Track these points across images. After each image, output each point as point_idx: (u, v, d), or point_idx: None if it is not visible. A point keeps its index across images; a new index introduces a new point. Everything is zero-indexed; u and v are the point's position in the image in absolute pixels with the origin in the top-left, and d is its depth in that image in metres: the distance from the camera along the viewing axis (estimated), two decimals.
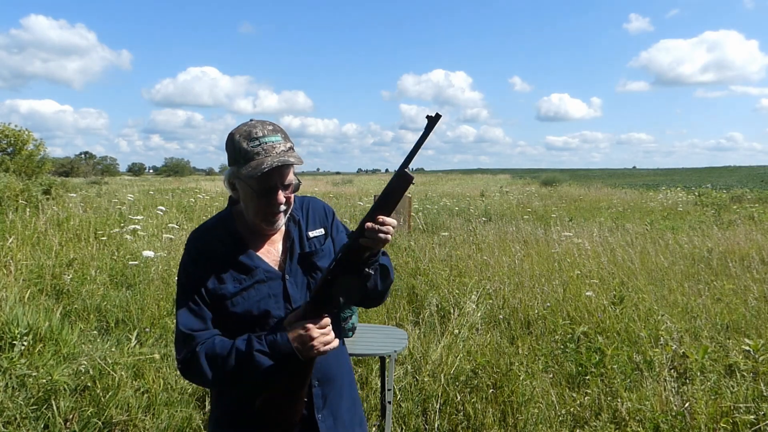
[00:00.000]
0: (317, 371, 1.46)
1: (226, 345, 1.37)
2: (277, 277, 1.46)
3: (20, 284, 4.90)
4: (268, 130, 1.39)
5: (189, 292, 1.42)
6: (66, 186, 14.56)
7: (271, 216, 1.43)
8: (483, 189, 24.91)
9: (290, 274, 1.47)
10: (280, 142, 1.38)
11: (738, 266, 6.06)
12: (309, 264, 1.50)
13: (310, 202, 1.61)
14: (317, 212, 1.59)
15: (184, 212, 11.94)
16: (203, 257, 1.44)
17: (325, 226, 1.58)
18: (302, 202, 1.59)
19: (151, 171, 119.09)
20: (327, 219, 1.60)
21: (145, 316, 4.73)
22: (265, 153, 1.35)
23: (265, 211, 1.42)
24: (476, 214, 12.55)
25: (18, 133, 14.14)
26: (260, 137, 1.37)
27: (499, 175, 66.43)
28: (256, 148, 1.36)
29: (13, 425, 2.87)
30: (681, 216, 13.47)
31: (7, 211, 7.95)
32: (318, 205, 1.62)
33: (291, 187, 1.43)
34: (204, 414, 3.31)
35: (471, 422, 3.12)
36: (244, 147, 1.36)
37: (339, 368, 1.55)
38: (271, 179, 1.37)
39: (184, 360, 1.38)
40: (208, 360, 1.36)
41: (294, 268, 1.49)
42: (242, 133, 1.38)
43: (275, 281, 1.46)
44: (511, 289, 5.36)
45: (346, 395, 1.57)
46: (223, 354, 1.35)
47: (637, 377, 3.47)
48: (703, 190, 20.91)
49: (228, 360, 1.34)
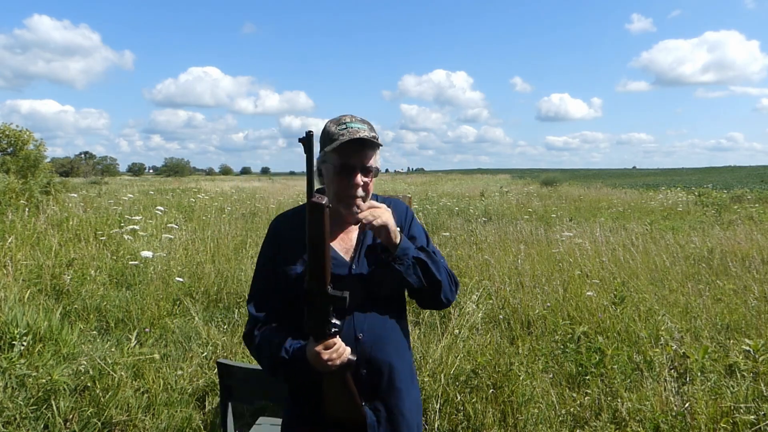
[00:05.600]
0: (365, 361, 1.52)
1: (272, 340, 1.51)
2: (343, 265, 1.55)
3: (20, 284, 4.89)
4: (357, 119, 1.53)
5: (261, 273, 1.61)
6: (66, 186, 14.56)
7: (349, 199, 1.51)
8: (483, 189, 24.89)
9: (357, 263, 1.56)
10: (365, 129, 1.50)
11: (738, 266, 6.05)
12: (375, 255, 1.57)
13: (393, 201, 1.70)
14: (398, 211, 1.65)
15: (184, 212, 11.94)
16: (278, 240, 1.59)
17: (402, 225, 1.64)
18: (386, 202, 1.67)
19: (151, 171, 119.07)
20: (405, 219, 1.66)
21: (145, 316, 4.73)
22: (350, 134, 1.47)
23: (344, 193, 1.51)
24: (476, 214, 12.54)
25: (18, 133, 14.13)
26: (347, 122, 1.51)
27: (499, 175, 66.41)
28: (342, 130, 1.49)
29: (13, 425, 2.87)
30: (681, 216, 13.47)
31: (6, 211, 7.95)
32: (401, 206, 1.70)
33: (371, 174, 1.53)
34: (204, 414, 3.31)
35: (471, 422, 3.11)
36: (332, 130, 1.51)
37: (392, 357, 1.57)
38: (350, 155, 1.49)
39: (245, 335, 1.60)
40: (258, 348, 1.54)
41: (362, 258, 1.57)
42: (333, 120, 1.54)
43: (342, 269, 1.54)
44: (511, 289, 5.35)
45: (401, 384, 1.59)
46: (265, 348, 1.52)
47: (637, 377, 3.47)
48: (703, 190, 20.90)
49: (268, 355, 1.52)
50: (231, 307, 5.22)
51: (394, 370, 1.58)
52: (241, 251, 7.36)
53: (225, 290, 5.59)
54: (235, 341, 4.22)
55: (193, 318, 4.69)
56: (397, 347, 1.60)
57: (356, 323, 1.53)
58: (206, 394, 3.49)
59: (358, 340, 1.52)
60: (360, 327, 1.53)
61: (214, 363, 3.51)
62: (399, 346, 1.61)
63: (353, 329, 1.52)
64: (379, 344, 1.54)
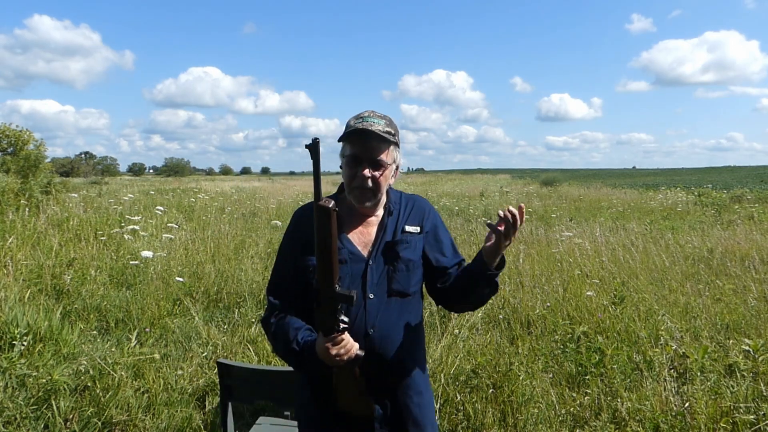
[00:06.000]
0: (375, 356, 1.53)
1: (287, 330, 1.53)
2: (360, 260, 1.56)
3: (20, 284, 4.90)
4: (377, 116, 1.55)
5: (280, 262, 1.64)
6: (66, 186, 14.56)
7: (358, 190, 1.54)
8: (483, 189, 24.89)
9: (374, 259, 1.57)
10: (381, 125, 1.52)
11: (738, 266, 6.06)
12: (392, 252, 1.58)
13: (417, 200, 1.71)
14: (419, 211, 1.68)
15: (184, 212, 11.95)
16: (299, 233, 1.61)
17: (422, 225, 1.65)
18: (409, 199, 1.70)
19: (151, 171, 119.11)
20: (426, 220, 1.67)
21: (145, 316, 4.73)
22: (362, 127, 1.50)
23: (353, 184, 1.54)
24: (476, 214, 12.54)
25: (18, 133, 14.13)
26: (365, 116, 1.53)
27: (499, 175, 66.41)
28: (358, 123, 1.52)
29: (13, 425, 2.87)
30: (681, 216, 13.47)
31: (7, 211, 7.95)
32: (423, 205, 1.71)
33: (382, 168, 1.54)
34: (204, 414, 3.31)
35: (471, 422, 3.12)
36: (350, 123, 1.54)
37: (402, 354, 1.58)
38: (356, 152, 1.52)
39: (262, 320, 1.64)
40: (274, 336, 1.57)
41: (378, 254, 1.57)
42: (355, 115, 1.56)
43: (358, 264, 1.56)
44: (511, 288, 5.35)
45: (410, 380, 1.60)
46: (281, 336, 1.54)
47: (637, 377, 3.47)
48: (703, 190, 20.90)
49: (282, 344, 1.54)
50: (231, 307, 5.22)
51: (404, 366, 1.58)
52: (241, 251, 7.36)
53: (225, 290, 5.59)
54: (235, 341, 4.22)
55: (193, 318, 4.69)
56: (410, 344, 1.60)
57: (368, 318, 1.53)
58: (206, 394, 3.49)
59: (369, 335, 1.53)
60: (372, 322, 1.53)
61: (214, 363, 3.51)
62: (411, 344, 1.61)
63: (364, 324, 1.53)
64: (389, 340, 1.55)
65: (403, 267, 1.58)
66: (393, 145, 1.56)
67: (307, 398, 1.62)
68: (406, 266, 1.59)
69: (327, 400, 1.55)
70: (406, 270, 1.59)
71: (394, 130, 1.56)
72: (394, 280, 1.57)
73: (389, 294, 1.56)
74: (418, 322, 1.67)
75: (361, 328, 1.52)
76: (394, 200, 1.67)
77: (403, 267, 1.58)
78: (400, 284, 1.57)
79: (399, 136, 1.59)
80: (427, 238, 1.66)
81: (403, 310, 1.59)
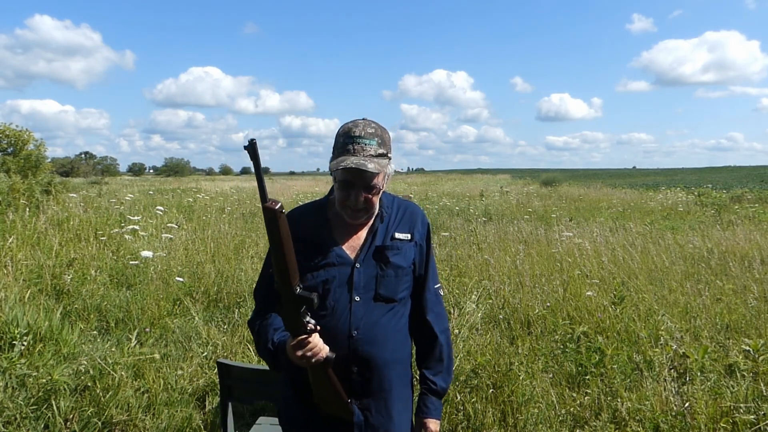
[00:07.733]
0: (357, 359, 1.53)
1: (267, 330, 1.56)
2: (348, 264, 1.56)
3: (20, 284, 4.90)
4: (368, 132, 1.49)
5: (265, 266, 1.65)
6: (66, 186, 14.56)
7: (350, 211, 1.54)
8: (483, 189, 24.89)
9: (361, 263, 1.57)
10: (373, 146, 1.48)
11: (738, 266, 6.05)
12: (382, 257, 1.58)
13: (409, 207, 1.70)
14: (411, 218, 1.67)
15: (184, 212, 11.94)
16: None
17: (413, 232, 1.65)
18: (401, 206, 1.68)
19: (151, 171, 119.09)
20: (417, 228, 1.66)
21: (145, 316, 4.73)
22: (353, 152, 1.46)
23: (346, 203, 1.53)
24: (476, 214, 12.54)
25: (18, 133, 14.15)
26: (356, 136, 1.48)
27: (499, 175, 66.43)
28: (349, 145, 1.47)
29: (13, 425, 2.87)
30: (681, 216, 13.47)
31: (7, 211, 7.95)
32: (416, 212, 1.69)
33: (375, 190, 1.52)
34: (204, 414, 3.31)
35: (471, 422, 3.12)
36: (340, 141, 1.50)
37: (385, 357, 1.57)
38: (348, 178, 1.49)
39: (248, 321, 1.66)
40: (257, 335, 1.59)
41: (367, 258, 1.58)
42: (345, 128, 1.51)
43: (345, 267, 1.56)
44: (511, 289, 5.35)
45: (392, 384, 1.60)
46: (261, 337, 1.57)
47: (637, 377, 3.47)
48: (703, 190, 20.91)
49: (262, 344, 1.56)
50: (231, 307, 5.22)
51: (386, 369, 1.57)
52: (241, 251, 7.36)
53: (225, 290, 5.59)
54: (235, 341, 4.22)
55: (193, 318, 4.69)
56: (393, 347, 1.60)
57: (353, 320, 1.53)
58: (206, 394, 3.49)
59: (352, 337, 1.52)
60: (356, 324, 1.53)
61: (214, 363, 3.51)
62: (395, 347, 1.60)
63: (348, 326, 1.53)
64: (372, 343, 1.54)
65: (392, 273, 1.58)
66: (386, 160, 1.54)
67: (290, 397, 1.63)
68: (395, 272, 1.58)
69: (308, 401, 1.55)
70: (395, 276, 1.58)
71: (387, 144, 1.53)
72: (381, 285, 1.56)
73: (375, 299, 1.56)
74: (405, 327, 1.66)
75: (344, 330, 1.52)
76: (387, 205, 1.65)
77: (391, 273, 1.58)
78: (387, 290, 1.57)
79: (391, 143, 1.56)
80: (416, 246, 1.66)
81: (389, 314, 1.59)
